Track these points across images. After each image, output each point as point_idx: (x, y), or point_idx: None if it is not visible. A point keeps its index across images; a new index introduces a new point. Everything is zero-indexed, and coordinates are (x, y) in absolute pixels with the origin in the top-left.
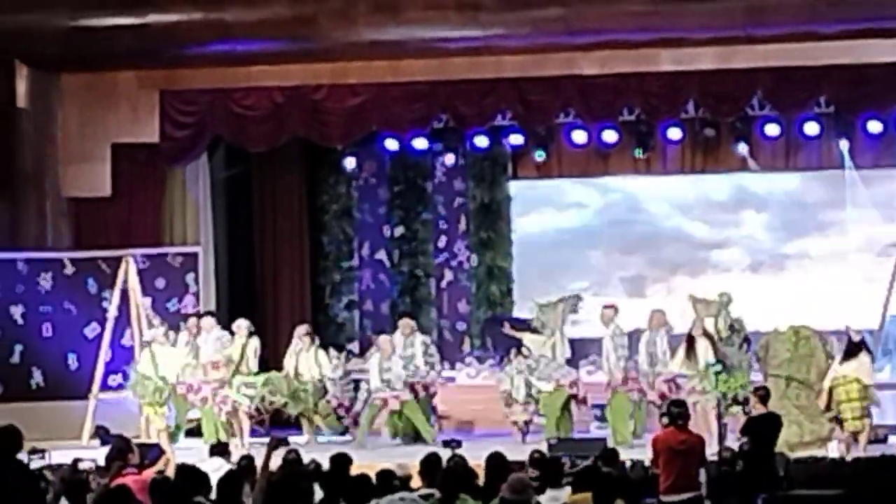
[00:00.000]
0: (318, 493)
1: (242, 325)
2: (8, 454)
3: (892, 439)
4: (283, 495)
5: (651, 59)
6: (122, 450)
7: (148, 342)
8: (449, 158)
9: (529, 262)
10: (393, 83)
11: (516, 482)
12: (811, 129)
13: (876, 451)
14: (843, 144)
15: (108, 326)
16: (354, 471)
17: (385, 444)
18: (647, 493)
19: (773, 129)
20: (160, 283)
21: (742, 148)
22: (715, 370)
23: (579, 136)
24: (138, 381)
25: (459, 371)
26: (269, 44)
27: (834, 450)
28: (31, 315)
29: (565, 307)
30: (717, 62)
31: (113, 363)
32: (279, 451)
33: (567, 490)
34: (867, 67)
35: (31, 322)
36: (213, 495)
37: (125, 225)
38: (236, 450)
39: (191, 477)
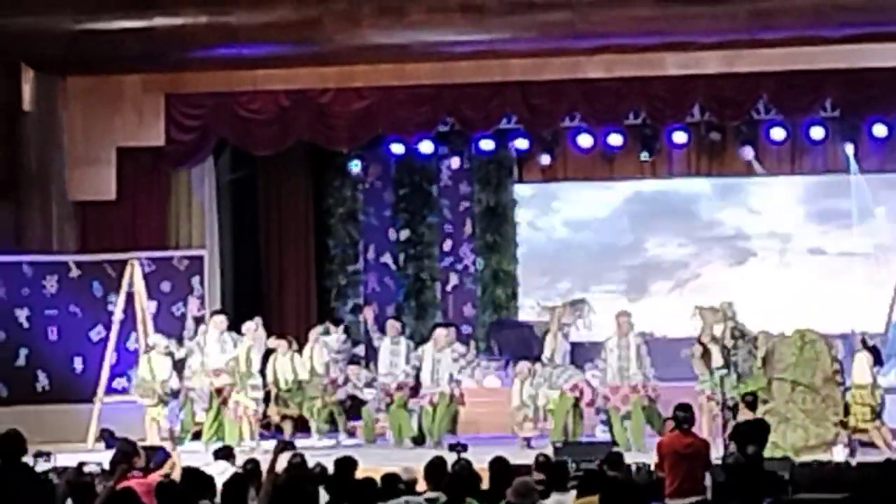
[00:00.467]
0: (324, 497)
1: (251, 326)
2: (12, 458)
3: None
4: (288, 499)
5: (656, 62)
6: (127, 453)
7: (150, 347)
8: (454, 162)
9: (535, 266)
10: (398, 87)
11: (521, 486)
12: (817, 133)
13: (882, 455)
14: (849, 148)
15: (114, 330)
16: (360, 474)
17: (390, 447)
18: (653, 497)
19: (778, 133)
20: (166, 286)
21: (748, 152)
22: (721, 374)
23: (585, 139)
24: (139, 384)
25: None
26: (274, 47)
27: (839, 454)
28: (37, 318)
29: (566, 311)
30: (722, 66)
31: (118, 366)
32: (285, 455)
33: (572, 494)
34: (872, 71)
35: (36, 325)
36: (218, 499)
37: (130, 228)
38: (241, 453)
39: (196, 480)
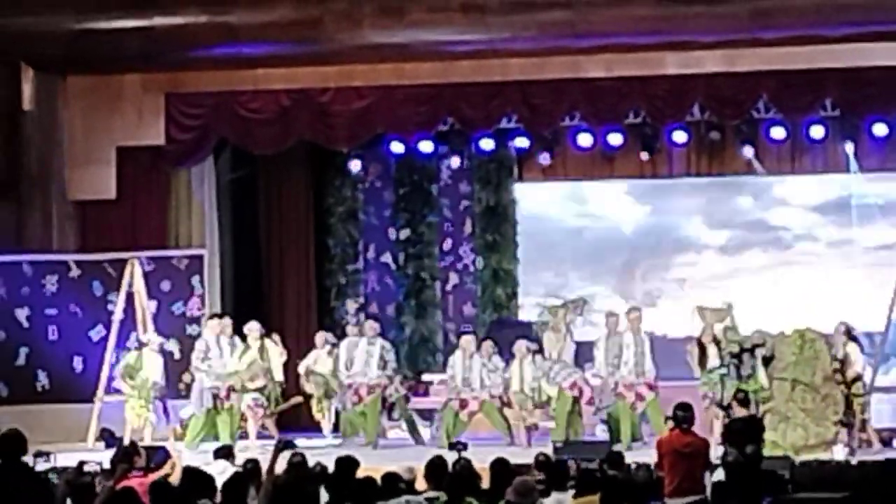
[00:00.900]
0: (324, 496)
1: (254, 328)
2: (12, 457)
3: None
4: (288, 498)
5: (656, 62)
6: (127, 452)
7: (143, 344)
8: (454, 161)
9: (535, 265)
10: (398, 86)
11: (521, 485)
12: (817, 132)
13: (882, 454)
14: (849, 147)
15: (114, 329)
16: (360, 473)
17: (391, 446)
18: (652, 497)
19: (778, 133)
20: (165, 285)
21: (748, 151)
22: (721, 373)
23: (585, 139)
24: (126, 372)
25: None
26: (274, 46)
27: (839, 453)
28: (37, 318)
29: (569, 310)
30: (722, 65)
31: (118, 366)
32: (285, 454)
33: (572, 493)
34: (873, 70)
35: (36, 325)
36: (218, 498)
37: (130, 227)
38: (241, 452)
39: (196, 480)
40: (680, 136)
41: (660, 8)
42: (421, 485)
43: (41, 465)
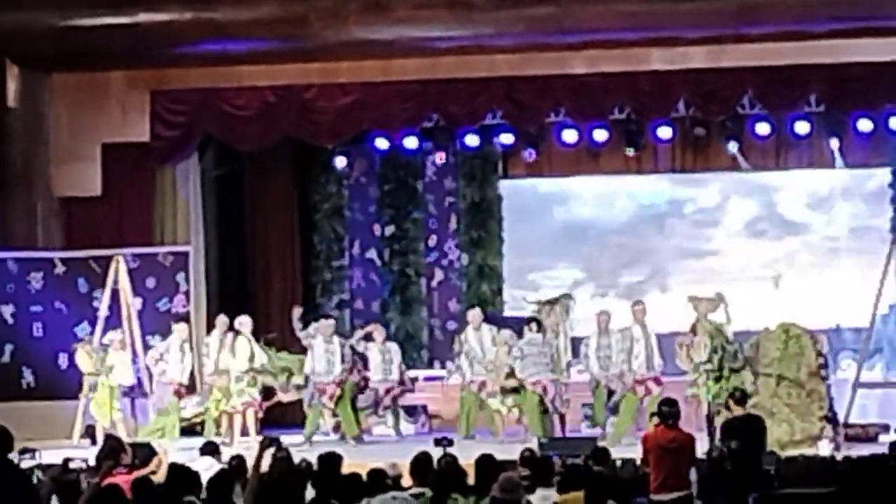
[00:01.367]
0: (310, 493)
1: (246, 322)
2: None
3: (882, 438)
4: (274, 495)
5: (642, 58)
6: (113, 449)
7: (105, 346)
8: (439, 157)
9: (520, 262)
10: (384, 82)
11: (506, 481)
12: (802, 128)
13: (867, 449)
14: (834, 143)
15: (99, 326)
16: (345, 470)
17: (375, 442)
18: (638, 492)
19: (763, 128)
20: (151, 282)
21: (732, 147)
22: (706, 368)
23: (570, 135)
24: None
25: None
26: (259, 43)
27: (825, 448)
28: (22, 314)
29: (562, 308)
30: (707, 61)
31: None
32: (270, 451)
33: (557, 489)
34: (857, 66)
35: (21, 321)
36: (203, 495)
37: (116, 224)
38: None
39: (182, 477)
40: (665, 132)
41: (645, 4)
42: (407, 481)
43: (26, 463)
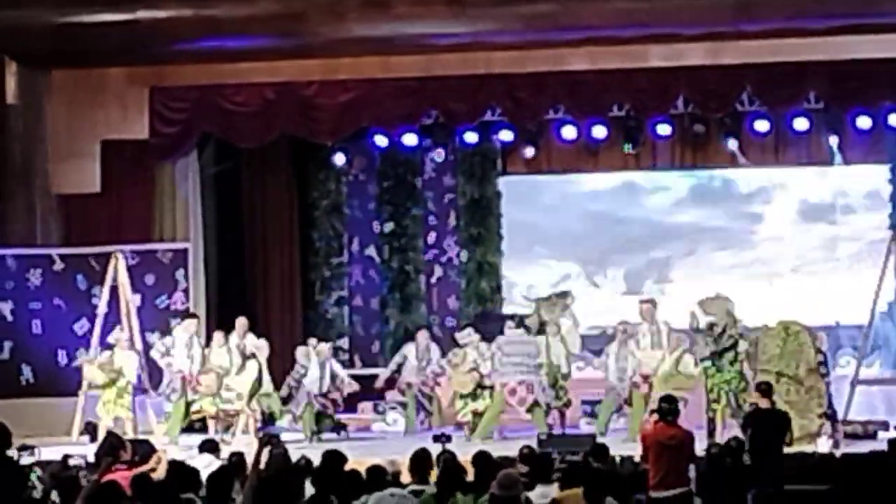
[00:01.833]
0: (309, 490)
1: (263, 346)
2: None
3: (881, 435)
4: (273, 492)
5: (640, 55)
6: (113, 446)
7: (111, 345)
8: (439, 154)
9: (519, 258)
10: (383, 79)
11: (506, 478)
12: (800, 124)
13: (866, 446)
14: (833, 140)
15: (98, 323)
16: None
17: (373, 439)
18: (637, 489)
19: (762, 125)
20: (150, 279)
21: (731, 144)
22: (704, 366)
23: (568, 131)
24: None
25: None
26: (258, 40)
27: (823, 445)
28: (21, 311)
29: (561, 305)
30: (706, 58)
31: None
32: (269, 448)
33: (557, 486)
34: (856, 63)
35: (20, 318)
36: (203, 492)
37: (115, 221)
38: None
39: (181, 474)
40: (664, 129)
41: (643, 1)
42: (405, 478)
43: (26, 459)
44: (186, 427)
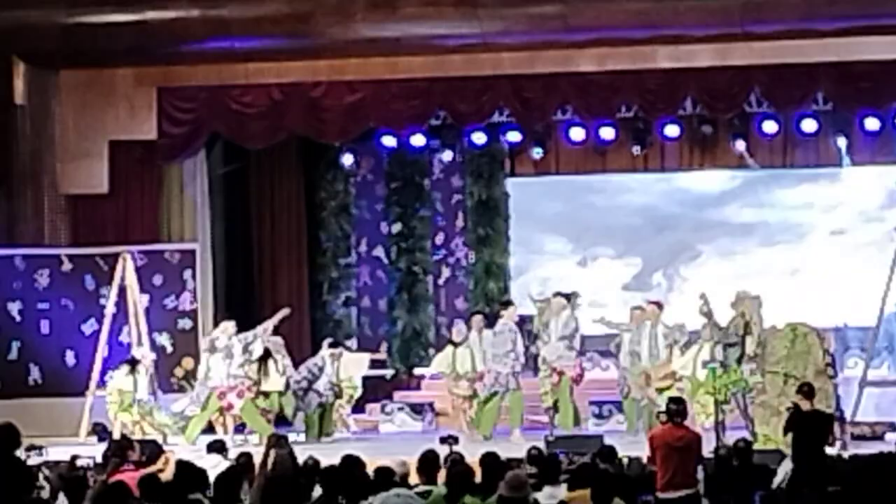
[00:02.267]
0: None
1: (279, 342)
2: (6, 451)
3: (889, 437)
4: (280, 492)
5: (648, 56)
6: (120, 446)
7: (136, 361)
8: (447, 155)
9: (527, 259)
10: (391, 80)
11: (514, 479)
12: (809, 126)
13: (873, 448)
14: (841, 141)
15: (106, 323)
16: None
17: (381, 440)
18: (645, 490)
19: (770, 126)
20: (158, 279)
21: (740, 145)
22: (711, 367)
23: (577, 133)
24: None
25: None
26: (266, 41)
27: (831, 447)
28: (29, 312)
29: (557, 305)
30: (714, 59)
31: (110, 360)
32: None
33: (564, 487)
34: (864, 64)
35: (28, 319)
36: (210, 492)
37: (122, 222)
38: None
39: (189, 474)
40: (672, 130)
41: (652, 2)
42: (414, 478)
43: (33, 460)
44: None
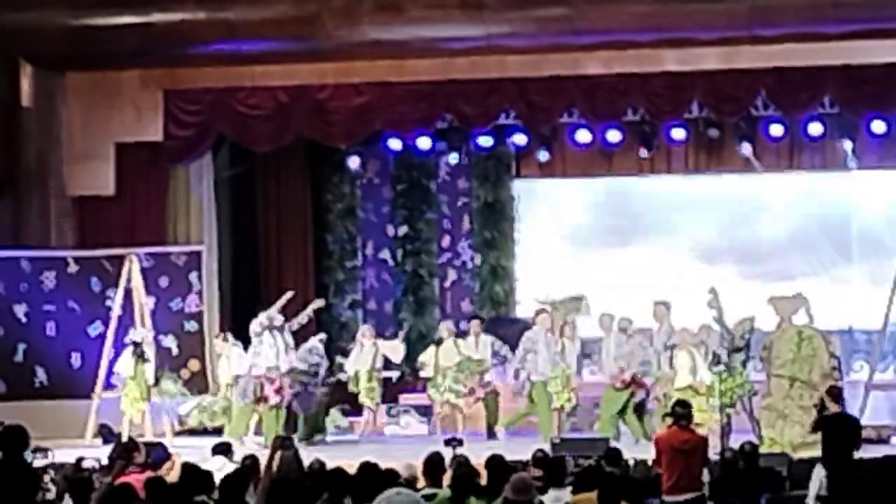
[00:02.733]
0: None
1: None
2: (14, 453)
3: (894, 440)
4: (286, 494)
5: (655, 59)
6: (126, 448)
7: (138, 345)
8: (453, 158)
9: (533, 262)
10: (397, 83)
11: (519, 482)
12: (815, 129)
13: (879, 451)
14: (847, 145)
15: (112, 325)
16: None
17: (385, 442)
18: (651, 493)
19: (776, 130)
20: (164, 281)
21: (746, 148)
22: (717, 370)
23: (583, 135)
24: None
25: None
26: (272, 43)
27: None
28: (35, 313)
29: (563, 309)
30: (720, 62)
31: (116, 362)
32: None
33: (570, 490)
34: (871, 68)
35: (34, 320)
36: (216, 494)
37: (129, 224)
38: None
39: (194, 476)
40: (678, 134)
41: (658, 5)
42: (420, 482)
43: (39, 462)
44: (200, 430)
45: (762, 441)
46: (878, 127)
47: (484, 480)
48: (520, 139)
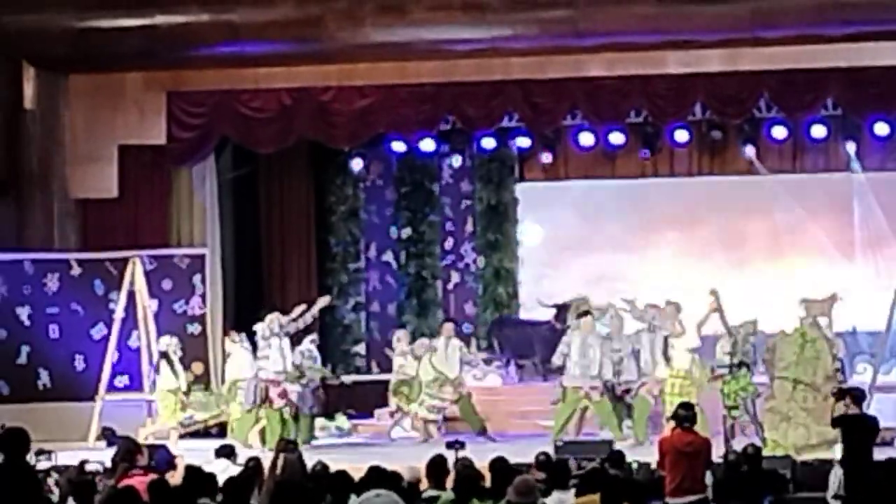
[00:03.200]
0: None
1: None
2: (15, 455)
3: None
4: (289, 496)
5: (658, 61)
6: (129, 451)
7: (164, 353)
8: (456, 160)
9: (536, 264)
10: (400, 85)
11: (522, 484)
12: (818, 131)
13: (882, 454)
14: (850, 147)
15: (115, 328)
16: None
17: (389, 445)
18: (654, 496)
19: (780, 132)
20: (167, 284)
21: (749, 150)
22: (722, 372)
23: (586, 138)
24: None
25: (466, 373)
26: (276, 45)
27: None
28: (38, 316)
29: (574, 310)
30: (723, 64)
31: (119, 364)
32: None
33: (573, 492)
34: (874, 70)
35: (37, 323)
36: (219, 497)
37: (132, 226)
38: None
39: (198, 479)
40: (681, 136)
41: (661, 7)
42: (424, 484)
43: (42, 464)
44: (203, 433)
45: (765, 443)
46: (882, 129)
47: (487, 483)
48: (523, 141)
